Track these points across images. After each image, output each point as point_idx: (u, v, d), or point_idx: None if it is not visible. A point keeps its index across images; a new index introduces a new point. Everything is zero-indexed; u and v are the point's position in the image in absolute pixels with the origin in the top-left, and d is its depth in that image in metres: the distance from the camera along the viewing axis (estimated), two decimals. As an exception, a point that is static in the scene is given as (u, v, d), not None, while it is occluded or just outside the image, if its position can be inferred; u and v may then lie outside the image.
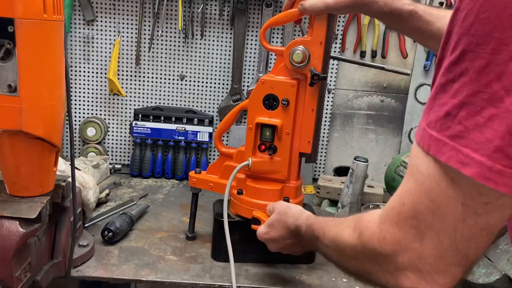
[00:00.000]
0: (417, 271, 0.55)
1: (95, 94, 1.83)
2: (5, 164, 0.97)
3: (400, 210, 0.56)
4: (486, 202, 0.49)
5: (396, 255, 0.57)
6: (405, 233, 0.55)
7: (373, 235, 0.60)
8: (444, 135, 0.49)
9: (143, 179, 1.82)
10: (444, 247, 0.53)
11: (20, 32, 0.84)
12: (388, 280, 0.60)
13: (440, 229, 0.52)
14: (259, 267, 1.20)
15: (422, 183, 0.53)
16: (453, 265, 0.53)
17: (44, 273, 1.02)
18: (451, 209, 0.51)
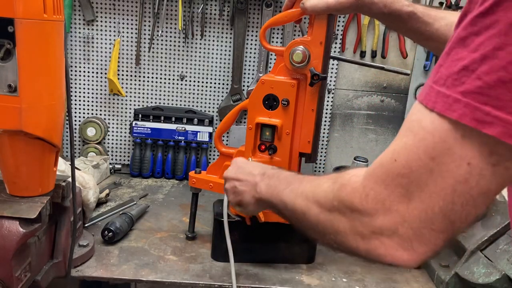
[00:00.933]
0: (396, 236, 0.51)
1: (95, 94, 1.83)
2: (5, 164, 0.97)
3: (390, 167, 0.52)
4: (495, 164, 0.46)
5: (376, 216, 0.53)
6: (392, 193, 0.51)
7: (354, 191, 0.56)
8: (456, 91, 0.45)
9: (143, 179, 1.82)
10: (434, 211, 0.49)
11: (20, 32, 0.84)
12: (358, 245, 0.55)
13: (435, 190, 0.48)
14: (259, 267, 1.20)
15: (423, 138, 0.49)
16: (438, 232, 0.50)
17: (44, 273, 1.02)
18: (454, 168, 0.47)
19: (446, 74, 0.47)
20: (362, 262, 1.28)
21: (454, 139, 0.47)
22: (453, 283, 1.13)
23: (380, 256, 0.54)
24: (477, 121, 0.44)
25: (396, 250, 0.52)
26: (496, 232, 1.12)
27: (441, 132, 0.47)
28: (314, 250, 1.27)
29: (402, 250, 0.51)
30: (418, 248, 0.51)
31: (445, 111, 0.46)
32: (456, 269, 1.13)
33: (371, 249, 0.54)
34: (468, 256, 1.13)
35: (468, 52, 0.45)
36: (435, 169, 0.48)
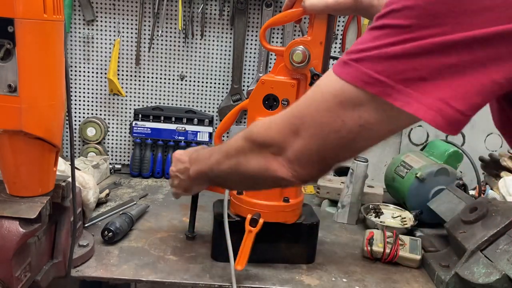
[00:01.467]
0: (285, 157, 0.68)
1: (95, 94, 1.83)
2: (5, 164, 0.97)
3: (291, 111, 0.68)
4: (361, 125, 0.60)
5: (274, 142, 0.69)
6: (285, 127, 0.67)
7: (263, 124, 0.72)
8: (351, 59, 0.58)
9: (143, 179, 1.82)
10: (312, 148, 0.65)
11: (20, 32, 0.84)
12: (260, 163, 0.72)
13: (315, 133, 0.63)
14: (259, 267, 1.20)
15: (315, 94, 0.64)
16: (313, 162, 0.67)
17: (44, 273, 1.02)
18: (331, 122, 0.61)
19: (351, 50, 0.60)
20: (362, 262, 1.28)
21: (335, 102, 0.60)
22: (453, 283, 1.13)
23: (274, 171, 0.70)
24: (363, 81, 0.57)
25: (284, 167, 0.68)
26: (496, 232, 1.12)
27: (329, 94, 0.61)
28: (314, 250, 1.27)
29: (287, 169, 0.68)
30: (298, 170, 0.68)
31: (340, 74, 0.59)
32: (456, 269, 1.13)
33: (268, 166, 0.70)
34: (468, 256, 1.13)
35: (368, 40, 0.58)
36: (317, 119, 0.63)
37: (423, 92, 0.54)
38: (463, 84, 0.53)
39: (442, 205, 1.41)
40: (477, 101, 0.54)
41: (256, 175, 0.75)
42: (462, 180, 1.50)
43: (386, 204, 1.60)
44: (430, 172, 1.51)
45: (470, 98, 0.54)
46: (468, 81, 0.53)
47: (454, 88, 0.53)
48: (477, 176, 1.51)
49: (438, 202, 1.43)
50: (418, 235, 1.39)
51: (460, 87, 0.53)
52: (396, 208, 1.58)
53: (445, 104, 0.54)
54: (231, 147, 0.80)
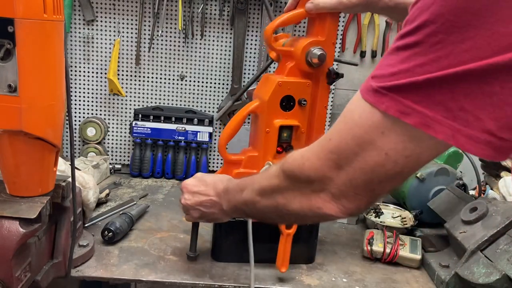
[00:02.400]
0: (329, 193, 0.64)
1: (95, 94, 1.83)
2: (5, 164, 0.97)
3: (325, 144, 0.64)
4: (407, 156, 0.56)
5: (312, 180, 0.66)
6: (323, 164, 0.63)
7: (294, 162, 0.69)
8: (384, 87, 0.55)
9: (143, 179, 1.82)
10: (357, 181, 0.61)
11: (20, 32, 0.84)
12: (302, 203, 0.69)
13: (358, 168, 0.60)
14: (259, 267, 1.20)
15: (351, 128, 0.60)
16: (360, 196, 0.63)
17: (44, 273, 1.02)
18: (374, 155, 0.58)
19: (380, 74, 0.56)
20: (362, 262, 1.28)
21: (376, 133, 0.57)
22: (453, 283, 1.13)
23: (319, 208, 0.66)
24: (400, 112, 0.54)
25: (329, 203, 0.65)
26: (496, 232, 1.12)
27: (367, 126, 0.57)
28: (314, 250, 1.27)
29: (334, 203, 0.65)
30: (345, 204, 0.64)
31: (375, 103, 0.56)
32: (456, 269, 1.13)
33: (311, 205, 0.67)
34: (468, 256, 1.13)
35: (397, 62, 0.54)
36: (359, 154, 0.59)
37: (466, 124, 0.51)
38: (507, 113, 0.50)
39: (442, 205, 1.40)
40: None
41: (300, 214, 0.71)
42: (462, 180, 1.50)
43: (386, 204, 1.60)
44: (430, 172, 1.51)
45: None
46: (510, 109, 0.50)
47: (500, 118, 0.50)
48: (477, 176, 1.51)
49: (438, 202, 1.43)
50: (418, 235, 1.39)
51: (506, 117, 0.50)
52: (396, 208, 1.58)
53: (492, 136, 0.51)
54: (266, 186, 0.77)
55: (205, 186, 1.03)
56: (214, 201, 1.00)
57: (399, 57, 0.54)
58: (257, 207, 0.81)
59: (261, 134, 1.17)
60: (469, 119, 0.51)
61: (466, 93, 0.50)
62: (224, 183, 0.98)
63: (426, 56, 0.51)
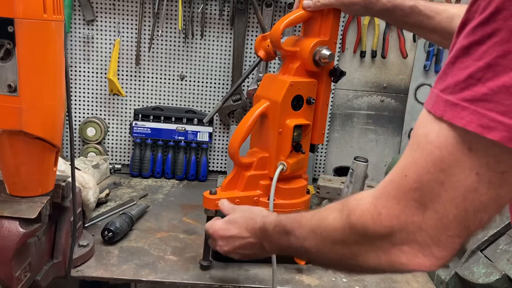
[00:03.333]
0: (415, 244, 0.53)
1: (95, 94, 1.83)
2: (5, 164, 0.97)
3: (401, 183, 0.53)
4: (503, 171, 0.47)
5: (393, 231, 0.54)
6: (405, 207, 0.53)
7: (365, 213, 0.57)
8: (463, 99, 0.46)
9: (143, 179, 1.82)
10: (448, 219, 0.51)
11: (20, 32, 0.84)
12: (381, 259, 0.57)
13: (448, 200, 0.50)
14: (259, 267, 1.20)
15: (430, 152, 0.50)
16: (454, 237, 0.52)
17: (44, 273, 1.02)
18: (463, 178, 0.49)
19: (453, 83, 0.48)
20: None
21: (461, 151, 0.48)
22: (453, 283, 1.13)
23: (403, 265, 0.55)
24: (482, 127, 0.45)
25: (417, 257, 0.54)
26: (496, 232, 1.12)
27: (448, 145, 0.48)
28: (314, 250, 1.27)
29: (423, 257, 0.53)
30: (437, 253, 0.53)
31: (453, 119, 0.47)
32: (456, 269, 1.13)
33: (393, 261, 0.56)
34: (468, 256, 1.13)
35: (472, 61, 0.46)
36: (445, 181, 0.50)
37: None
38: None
39: (442, 205, 1.40)
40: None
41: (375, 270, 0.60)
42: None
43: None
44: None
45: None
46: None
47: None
48: (477, 176, 1.51)
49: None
50: (418, 235, 1.39)
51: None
52: (396, 208, 1.58)
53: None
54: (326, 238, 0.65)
55: (237, 228, 0.94)
56: (253, 243, 0.91)
57: (473, 55, 0.46)
58: (316, 258, 0.71)
59: (273, 135, 1.16)
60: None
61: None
62: (259, 221, 0.89)
63: (510, 42, 0.43)
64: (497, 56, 0.44)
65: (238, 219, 0.96)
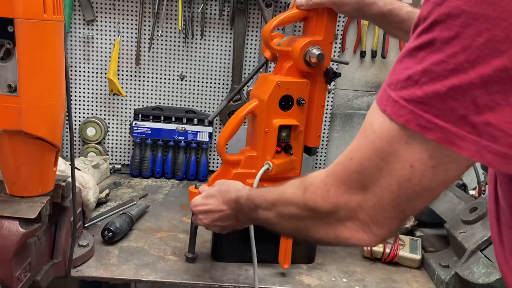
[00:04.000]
0: (357, 221, 0.60)
1: (95, 94, 1.83)
2: (5, 164, 0.97)
3: (347, 165, 0.60)
4: (434, 166, 0.52)
5: (338, 208, 0.61)
6: (349, 187, 0.59)
7: (317, 191, 0.64)
8: (402, 97, 0.51)
9: (143, 179, 1.82)
10: (385, 202, 0.57)
11: (20, 32, 0.84)
12: (328, 233, 0.64)
13: (385, 185, 0.56)
14: (259, 267, 1.20)
15: (373, 141, 0.55)
16: (391, 219, 0.58)
17: (44, 273, 1.02)
18: (399, 168, 0.54)
19: (395, 80, 0.53)
20: (362, 262, 1.28)
21: (399, 144, 0.53)
22: (453, 283, 1.13)
23: (347, 238, 0.62)
24: (420, 126, 0.50)
25: (358, 232, 0.61)
26: (496, 232, 1.12)
27: (388, 137, 0.54)
28: (314, 250, 1.27)
29: (363, 232, 0.60)
30: (375, 230, 0.60)
31: (393, 115, 0.52)
32: (456, 269, 1.13)
33: (338, 234, 0.63)
34: (468, 256, 1.13)
35: (413, 63, 0.51)
36: (384, 168, 0.55)
37: (493, 140, 0.47)
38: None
39: (442, 205, 1.40)
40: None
41: (324, 242, 0.68)
42: (462, 180, 1.50)
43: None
44: (430, 172, 1.51)
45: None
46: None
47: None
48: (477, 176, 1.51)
49: (438, 202, 1.43)
50: (418, 235, 1.39)
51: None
52: (396, 208, 1.58)
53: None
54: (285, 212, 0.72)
55: (215, 201, 0.99)
56: (229, 214, 0.96)
57: (415, 59, 0.50)
58: (277, 228, 0.78)
59: (260, 134, 1.17)
60: (495, 135, 0.47)
61: (491, 106, 0.46)
62: (233, 194, 0.94)
63: (443, 52, 0.48)
64: (432, 63, 0.49)
65: (215, 193, 1.00)
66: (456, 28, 0.47)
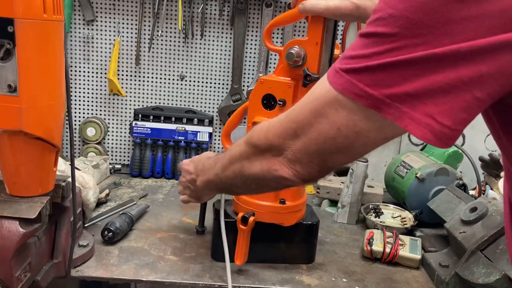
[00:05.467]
0: (285, 158, 0.70)
1: (95, 94, 1.83)
2: (5, 164, 0.97)
3: (288, 114, 0.70)
4: (357, 132, 0.61)
5: (273, 145, 0.71)
6: (285, 131, 0.69)
7: (261, 129, 0.75)
8: (342, 69, 0.59)
9: (143, 179, 1.82)
10: (310, 149, 0.67)
11: (20, 32, 0.84)
12: (263, 165, 0.74)
13: (313, 137, 0.66)
14: (259, 267, 1.20)
15: (311, 101, 0.65)
16: (313, 164, 0.68)
17: (44, 273, 1.02)
18: (327, 128, 0.63)
19: (343, 56, 0.61)
20: (362, 262, 1.28)
21: (330, 107, 0.62)
22: (453, 283, 1.13)
23: (276, 171, 0.72)
24: (354, 94, 0.58)
25: (285, 167, 0.71)
26: (496, 232, 1.12)
27: (324, 100, 0.63)
28: (314, 250, 1.27)
29: (288, 168, 0.70)
30: (299, 169, 0.70)
31: (332, 83, 0.61)
32: (456, 269, 1.13)
33: (270, 167, 0.73)
34: (468, 256, 1.13)
35: (358, 45, 0.59)
36: (314, 125, 0.65)
37: (411, 106, 0.56)
38: (448, 100, 0.55)
39: (442, 205, 1.41)
40: (463, 116, 0.55)
41: (259, 177, 0.77)
42: (462, 180, 1.50)
43: (386, 204, 1.60)
44: (430, 172, 1.51)
45: (456, 113, 0.55)
46: (452, 98, 0.54)
47: (440, 104, 0.55)
48: (477, 176, 1.51)
49: (438, 202, 1.43)
50: (418, 235, 1.39)
51: (445, 103, 0.55)
52: (396, 208, 1.58)
53: (433, 119, 0.55)
54: (235, 153, 0.83)
55: (192, 165, 1.11)
56: (193, 179, 1.08)
57: (361, 43, 0.59)
58: (225, 175, 0.87)
59: (247, 129, 1.20)
60: (414, 103, 0.55)
61: (412, 80, 0.55)
62: (203, 161, 1.06)
63: (382, 47, 0.56)
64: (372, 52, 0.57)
65: (196, 159, 1.13)
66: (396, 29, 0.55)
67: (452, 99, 0.54)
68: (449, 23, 0.52)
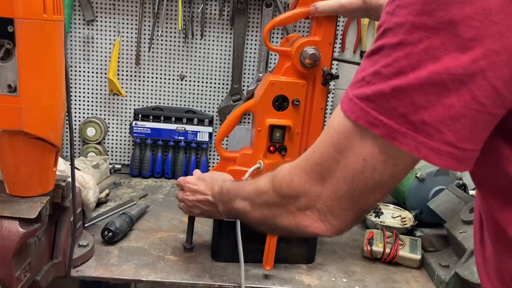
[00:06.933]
0: (315, 210, 0.65)
1: (95, 94, 1.83)
2: (5, 164, 0.97)
3: (309, 157, 0.65)
4: (384, 161, 0.57)
5: (300, 196, 0.66)
6: (310, 178, 0.64)
7: (283, 178, 0.69)
8: (355, 96, 0.56)
9: (143, 179, 1.82)
10: (341, 193, 0.62)
11: (20, 32, 0.84)
12: (290, 221, 0.69)
13: (341, 177, 0.61)
14: (259, 267, 1.20)
15: (332, 135, 0.61)
16: (346, 210, 0.63)
17: (44, 273, 1.02)
18: (354, 161, 0.59)
19: (354, 81, 0.58)
20: (362, 262, 1.28)
21: (354, 138, 0.58)
22: (453, 283, 1.13)
23: (306, 227, 0.67)
24: (368, 122, 0.55)
25: (316, 221, 0.65)
26: (496, 232, 1.12)
27: (345, 132, 0.59)
28: (314, 250, 1.27)
29: (320, 222, 0.65)
30: (332, 221, 0.64)
31: (347, 112, 0.58)
32: (456, 269, 1.13)
33: (298, 223, 0.68)
34: (468, 256, 1.13)
35: (368, 66, 0.56)
36: (340, 161, 0.60)
37: (428, 136, 0.52)
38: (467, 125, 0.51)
39: (442, 205, 1.41)
40: (483, 134, 0.53)
41: (288, 230, 0.72)
42: (462, 180, 1.50)
43: (386, 204, 1.60)
44: (430, 172, 1.51)
45: (476, 135, 0.53)
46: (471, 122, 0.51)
47: (459, 130, 0.52)
48: (477, 176, 1.51)
49: (438, 202, 1.43)
50: (418, 235, 1.39)
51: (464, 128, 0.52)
52: (396, 208, 1.58)
53: (453, 147, 0.52)
54: (256, 200, 0.78)
55: (203, 185, 1.08)
56: (211, 202, 1.04)
57: (370, 62, 0.56)
58: (248, 218, 0.82)
59: (254, 132, 1.19)
60: (430, 132, 0.52)
61: (426, 106, 0.52)
62: (219, 184, 1.01)
63: (390, 57, 0.53)
64: (381, 66, 0.54)
65: (206, 178, 1.10)
66: (401, 35, 0.52)
67: (471, 123, 0.51)
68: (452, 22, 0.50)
